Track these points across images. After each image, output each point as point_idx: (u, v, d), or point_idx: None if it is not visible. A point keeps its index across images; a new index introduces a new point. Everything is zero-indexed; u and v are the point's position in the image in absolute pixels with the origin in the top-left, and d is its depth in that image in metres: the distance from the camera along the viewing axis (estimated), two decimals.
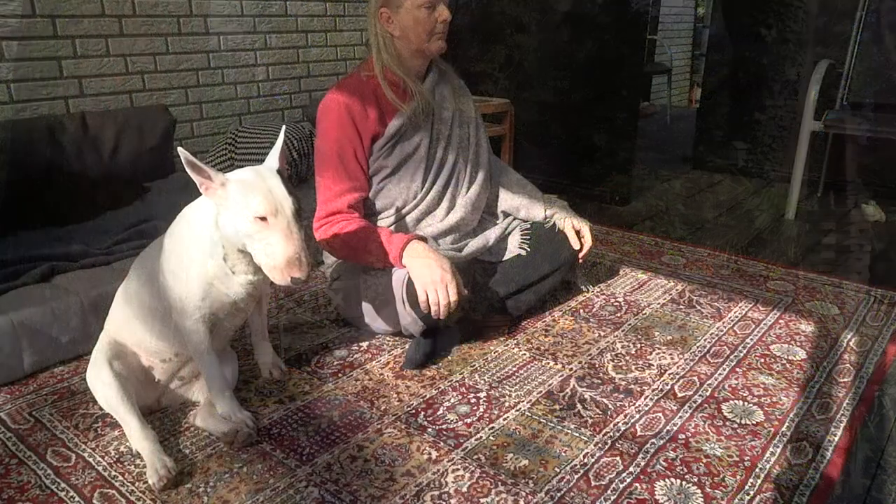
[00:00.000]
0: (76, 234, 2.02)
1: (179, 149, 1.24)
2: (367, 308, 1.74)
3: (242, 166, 2.43)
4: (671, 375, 1.63)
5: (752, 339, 1.81)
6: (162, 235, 1.41)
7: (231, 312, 1.41)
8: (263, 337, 1.64)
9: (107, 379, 1.37)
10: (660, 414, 1.47)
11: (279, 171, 1.31)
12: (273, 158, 1.34)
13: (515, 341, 1.81)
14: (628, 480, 1.26)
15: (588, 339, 1.81)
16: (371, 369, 1.67)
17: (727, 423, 1.44)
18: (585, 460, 1.32)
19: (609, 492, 1.23)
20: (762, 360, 1.70)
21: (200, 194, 1.29)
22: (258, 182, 1.25)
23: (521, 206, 1.97)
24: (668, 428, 1.42)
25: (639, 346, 1.78)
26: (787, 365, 1.68)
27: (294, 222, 1.25)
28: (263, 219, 1.22)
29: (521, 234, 1.93)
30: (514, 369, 1.66)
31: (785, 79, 3.37)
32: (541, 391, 1.56)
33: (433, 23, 1.65)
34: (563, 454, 1.34)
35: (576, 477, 1.27)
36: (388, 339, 1.81)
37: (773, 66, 3.42)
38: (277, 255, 1.23)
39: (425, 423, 1.45)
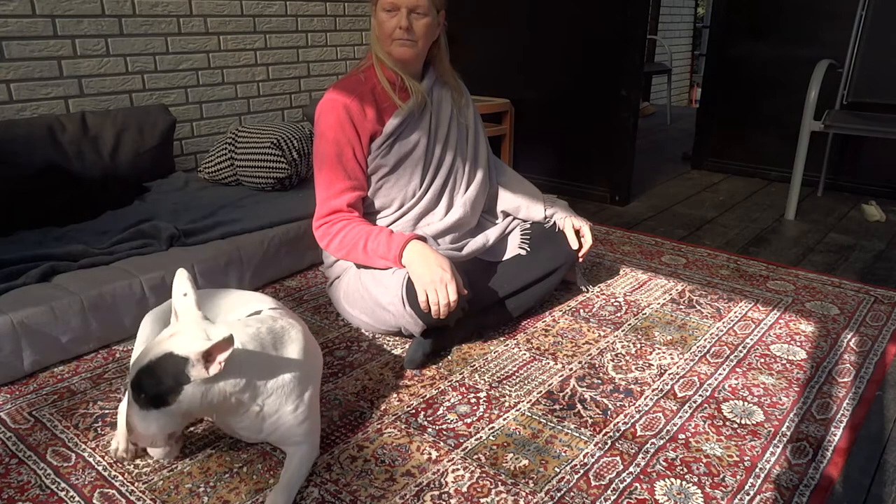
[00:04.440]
0: (76, 234, 2.02)
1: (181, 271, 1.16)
2: (366, 308, 1.74)
3: (242, 166, 2.46)
4: (671, 375, 1.63)
5: (752, 339, 1.81)
6: None
7: None
8: None
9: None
10: (660, 414, 1.47)
11: (192, 363, 1.07)
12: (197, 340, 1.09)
13: (515, 341, 1.81)
14: (628, 480, 1.26)
15: (588, 339, 1.81)
16: (371, 369, 1.67)
17: (727, 423, 1.44)
18: (585, 460, 1.32)
19: (609, 492, 1.23)
20: (762, 360, 1.70)
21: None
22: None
23: (521, 206, 1.97)
24: (668, 428, 1.42)
25: (639, 346, 1.78)
26: (787, 365, 1.68)
27: (132, 409, 1.11)
28: None
29: (521, 234, 1.93)
30: (514, 369, 1.66)
31: (785, 79, 3.38)
32: (541, 391, 1.56)
33: (393, 27, 1.66)
34: (563, 454, 1.34)
35: (576, 477, 1.27)
36: (388, 339, 1.81)
37: (773, 66, 3.42)
38: None
39: (425, 423, 1.45)
